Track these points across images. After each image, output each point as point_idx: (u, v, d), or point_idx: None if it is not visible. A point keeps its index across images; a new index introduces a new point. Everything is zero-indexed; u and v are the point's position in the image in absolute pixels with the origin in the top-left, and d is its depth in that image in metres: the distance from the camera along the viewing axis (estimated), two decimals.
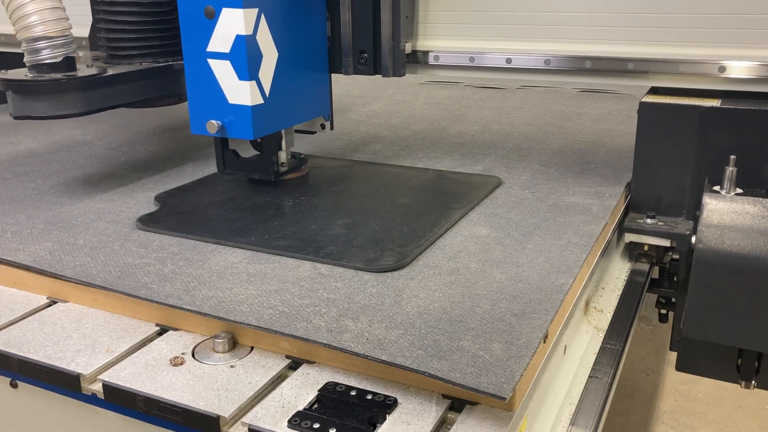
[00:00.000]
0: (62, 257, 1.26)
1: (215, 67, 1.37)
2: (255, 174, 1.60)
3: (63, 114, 1.49)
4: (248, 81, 1.35)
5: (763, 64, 1.43)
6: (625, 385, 2.68)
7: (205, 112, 1.40)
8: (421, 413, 0.91)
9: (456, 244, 1.32)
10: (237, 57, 1.34)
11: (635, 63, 1.52)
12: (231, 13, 1.31)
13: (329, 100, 1.65)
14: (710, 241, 1.27)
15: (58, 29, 1.47)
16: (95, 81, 1.51)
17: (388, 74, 1.60)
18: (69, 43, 1.50)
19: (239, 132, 1.39)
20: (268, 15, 1.37)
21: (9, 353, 1.05)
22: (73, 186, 1.67)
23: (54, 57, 1.47)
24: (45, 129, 2.27)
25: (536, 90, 3.00)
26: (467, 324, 1.03)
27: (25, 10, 1.43)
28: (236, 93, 1.36)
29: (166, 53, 1.66)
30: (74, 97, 1.48)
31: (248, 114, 1.37)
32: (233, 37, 1.33)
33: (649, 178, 1.59)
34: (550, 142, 2.10)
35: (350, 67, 1.61)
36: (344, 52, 1.60)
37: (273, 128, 1.48)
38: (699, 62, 1.48)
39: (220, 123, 1.39)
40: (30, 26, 1.44)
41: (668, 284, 1.66)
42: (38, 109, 1.47)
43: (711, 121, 1.49)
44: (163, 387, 0.96)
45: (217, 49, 1.35)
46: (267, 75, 1.39)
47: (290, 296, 1.11)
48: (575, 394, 1.15)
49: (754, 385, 1.41)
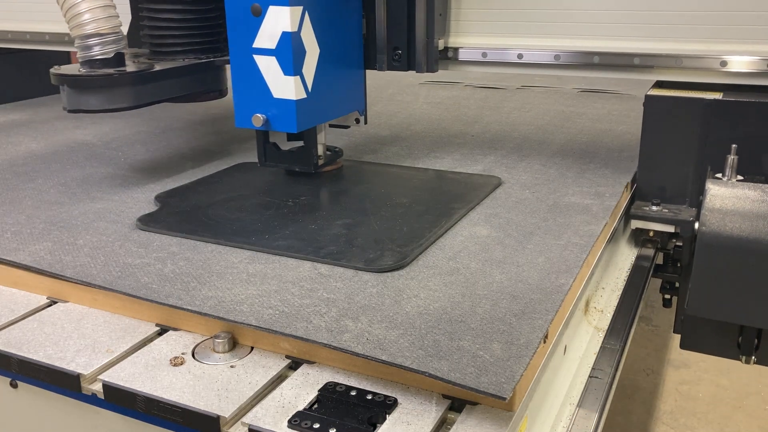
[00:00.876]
0: (62, 257, 1.26)
1: (261, 62, 1.41)
2: (296, 166, 1.66)
3: (114, 107, 1.54)
4: (293, 76, 1.39)
5: (763, 58, 1.49)
6: (625, 385, 2.68)
7: (250, 106, 1.45)
8: (421, 413, 0.91)
9: (456, 244, 1.32)
10: (282, 53, 1.38)
11: (641, 58, 1.59)
12: (277, 11, 1.36)
13: (364, 95, 1.70)
14: (713, 225, 1.34)
15: (109, 26, 1.52)
16: (144, 76, 1.57)
17: (422, 70, 1.65)
18: (119, 39, 1.55)
19: (283, 125, 1.44)
20: (311, 13, 1.41)
21: (9, 353, 1.05)
22: (73, 186, 1.67)
23: (105, 53, 1.53)
24: (45, 129, 2.27)
25: (536, 90, 3.00)
26: (467, 324, 1.03)
27: (79, 9, 1.49)
28: (281, 87, 1.41)
29: (207, 50, 1.71)
30: (124, 91, 1.54)
31: (292, 108, 1.41)
32: (279, 34, 1.37)
33: (654, 167, 1.66)
34: (550, 142, 2.10)
35: (384, 63, 1.66)
36: (379, 49, 1.65)
37: (314, 122, 1.53)
38: (701, 57, 1.54)
39: (265, 116, 1.43)
40: (83, 24, 1.50)
41: (672, 269, 1.73)
42: (91, 102, 1.53)
43: (713, 113, 1.57)
44: (163, 387, 0.96)
45: (263, 46, 1.39)
46: (309, 70, 1.44)
47: (290, 296, 1.11)
48: (575, 394, 1.15)
49: (754, 360, 1.48)
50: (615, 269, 1.59)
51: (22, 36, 2.48)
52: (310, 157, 1.63)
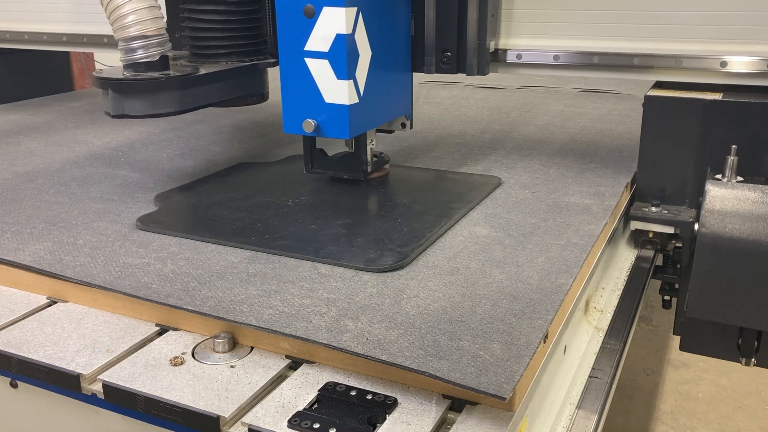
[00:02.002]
0: (62, 257, 1.26)
1: (312, 66, 1.36)
2: (345, 173, 1.60)
3: (159, 113, 1.49)
4: (346, 80, 1.34)
5: (763, 59, 1.49)
6: (625, 385, 2.68)
7: (300, 111, 1.40)
8: (421, 413, 0.91)
9: (456, 244, 1.32)
10: (336, 56, 1.33)
11: (640, 58, 1.58)
12: (332, 12, 1.31)
13: (411, 99, 1.66)
14: (713, 226, 1.33)
15: (155, 28, 1.47)
16: (190, 80, 1.50)
17: (473, 73, 1.60)
18: (164, 41, 1.50)
19: (335, 131, 1.38)
20: (365, 14, 1.36)
21: (9, 353, 1.05)
22: (73, 186, 1.67)
23: (150, 56, 1.47)
24: (45, 129, 2.27)
25: (536, 90, 3.00)
26: (467, 324, 1.03)
27: (123, 10, 1.45)
28: (333, 92, 1.36)
29: (250, 52, 1.64)
30: (170, 96, 1.49)
31: (345, 113, 1.36)
32: (333, 36, 1.32)
33: (653, 168, 1.66)
34: (550, 142, 2.10)
35: (432, 66, 1.61)
36: (427, 51, 1.60)
37: (366, 127, 1.49)
38: (701, 57, 1.54)
39: (316, 122, 1.38)
40: (127, 26, 1.45)
41: (672, 271, 1.73)
42: (136, 107, 1.47)
43: (713, 114, 1.56)
44: (163, 387, 0.96)
45: (316, 48, 1.35)
46: (362, 74, 1.39)
47: (290, 296, 1.11)
48: (575, 394, 1.15)
49: (754, 362, 1.47)
50: (615, 269, 1.59)
51: (20, 36, 2.48)
52: (360, 164, 1.58)
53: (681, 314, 1.64)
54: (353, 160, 1.58)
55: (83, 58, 3.95)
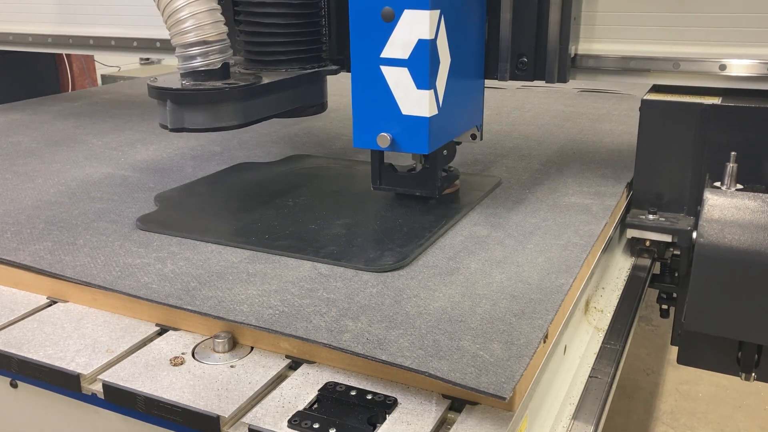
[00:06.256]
0: (62, 257, 1.26)
1: (389, 74, 1.24)
2: (416, 190, 1.45)
3: (222, 126, 1.36)
4: (427, 90, 1.22)
5: (763, 62, 1.45)
6: (625, 385, 2.68)
7: (373, 124, 1.28)
8: (421, 413, 0.91)
9: (456, 244, 1.32)
10: (417, 64, 1.21)
11: (636, 61, 1.54)
12: (414, 15, 1.19)
13: (482, 108, 1.56)
14: (711, 236, 1.29)
15: (216, 33, 1.35)
16: (255, 90, 1.38)
17: (553, 80, 1.50)
18: (226, 48, 1.38)
19: (413, 146, 1.26)
20: (446, 17, 1.24)
21: (9, 353, 1.05)
22: (73, 186, 1.67)
23: (210, 63, 1.35)
24: (45, 129, 2.27)
25: (536, 90, 3.00)
26: (467, 324, 1.03)
27: (181, 15, 1.32)
28: (412, 103, 1.24)
29: (311, 59, 1.53)
30: (233, 107, 1.36)
31: (425, 126, 1.24)
32: (414, 42, 1.20)
33: (650, 174, 1.61)
34: (550, 142, 2.10)
35: (507, 72, 1.50)
36: (501, 57, 1.48)
37: (443, 140, 1.37)
38: (700, 60, 1.50)
39: (392, 136, 1.26)
40: (185, 32, 1.33)
41: (669, 279, 1.68)
42: (197, 120, 1.34)
43: (712, 119, 1.51)
44: (163, 387, 0.96)
45: (394, 55, 1.22)
46: (441, 83, 1.27)
47: (290, 296, 1.11)
48: (575, 394, 1.15)
49: (754, 377, 1.43)
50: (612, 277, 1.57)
51: (5, 37, 2.49)
52: (434, 180, 1.43)
53: (679, 326, 1.59)
54: (426, 176, 1.44)
55: (83, 58, 3.94)
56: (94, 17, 2.32)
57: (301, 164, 1.82)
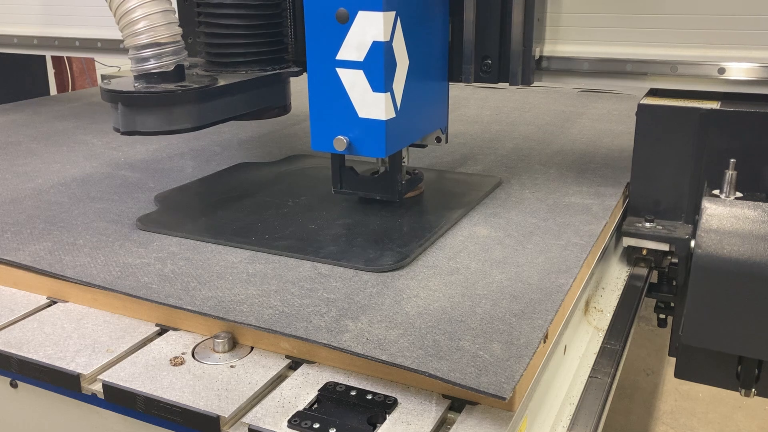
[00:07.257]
0: (62, 257, 1.26)
1: (345, 77, 1.22)
2: (377, 194, 1.42)
3: (174, 129, 1.35)
4: (383, 93, 1.20)
5: (764, 65, 1.41)
6: (625, 385, 2.68)
7: (329, 127, 1.26)
8: (421, 413, 0.91)
9: (456, 244, 1.32)
10: (372, 66, 1.19)
11: (633, 64, 1.50)
12: (368, 17, 1.16)
13: (447, 111, 1.53)
14: (709, 247, 1.24)
15: (169, 35, 1.34)
16: (210, 92, 1.35)
17: (516, 82, 1.47)
18: (180, 50, 1.37)
19: (369, 149, 1.24)
20: (402, 18, 1.22)
21: (9, 353, 1.05)
22: (73, 186, 1.67)
23: (163, 66, 1.34)
24: (45, 129, 2.27)
25: (536, 90, 3.00)
26: (467, 324, 1.03)
27: (133, 16, 1.30)
28: (368, 106, 1.22)
29: (272, 60, 1.50)
30: (188, 110, 1.34)
31: (381, 129, 1.22)
32: (369, 44, 1.18)
33: (647, 181, 1.57)
34: (550, 142, 2.11)
35: (471, 74, 1.47)
36: (465, 59, 1.46)
37: (402, 144, 1.35)
38: (698, 64, 1.46)
39: (348, 139, 1.24)
40: (138, 33, 1.31)
41: (667, 289, 1.64)
42: (149, 123, 1.33)
43: (710, 124, 1.48)
44: (163, 387, 0.96)
45: (349, 57, 1.20)
46: (399, 86, 1.25)
47: (290, 296, 1.11)
48: (575, 394, 1.15)
49: (754, 393, 1.38)
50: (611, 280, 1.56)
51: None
52: (394, 184, 1.40)
53: (676, 338, 1.53)
54: (387, 179, 1.41)
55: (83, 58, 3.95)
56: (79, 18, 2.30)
57: (301, 164, 1.82)
